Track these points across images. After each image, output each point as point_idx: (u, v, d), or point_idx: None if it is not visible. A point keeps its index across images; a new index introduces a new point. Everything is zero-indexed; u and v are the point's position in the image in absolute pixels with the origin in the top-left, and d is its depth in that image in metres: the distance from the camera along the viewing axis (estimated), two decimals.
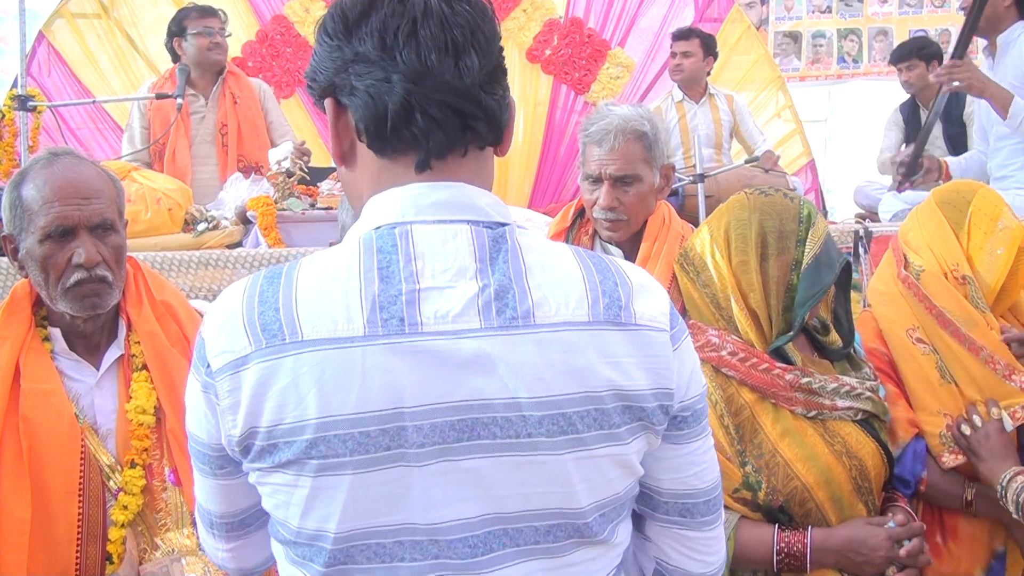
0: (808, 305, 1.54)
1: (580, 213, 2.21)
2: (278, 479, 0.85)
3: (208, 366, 0.86)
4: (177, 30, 3.81)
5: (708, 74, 4.61)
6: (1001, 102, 3.04)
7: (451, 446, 0.83)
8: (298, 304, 0.84)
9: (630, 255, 2.10)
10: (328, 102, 0.92)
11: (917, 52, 4.61)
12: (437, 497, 0.84)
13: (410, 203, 0.88)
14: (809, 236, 1.56)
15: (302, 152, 3.49)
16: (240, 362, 0.84)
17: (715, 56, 4.60)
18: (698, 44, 4.47)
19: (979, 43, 4.14)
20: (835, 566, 1.52)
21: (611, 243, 2.14)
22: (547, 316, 0.86)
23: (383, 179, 0.91)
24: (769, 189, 1.65)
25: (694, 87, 4.56)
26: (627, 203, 2.04)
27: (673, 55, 4.52)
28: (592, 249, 2.15)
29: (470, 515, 0.85)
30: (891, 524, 1.54)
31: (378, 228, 0.88)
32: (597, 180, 2.05)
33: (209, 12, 3.82)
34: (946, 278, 1.78)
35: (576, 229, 2.21)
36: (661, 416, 0.91)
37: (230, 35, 3.88)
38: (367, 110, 0.88)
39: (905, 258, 1.85)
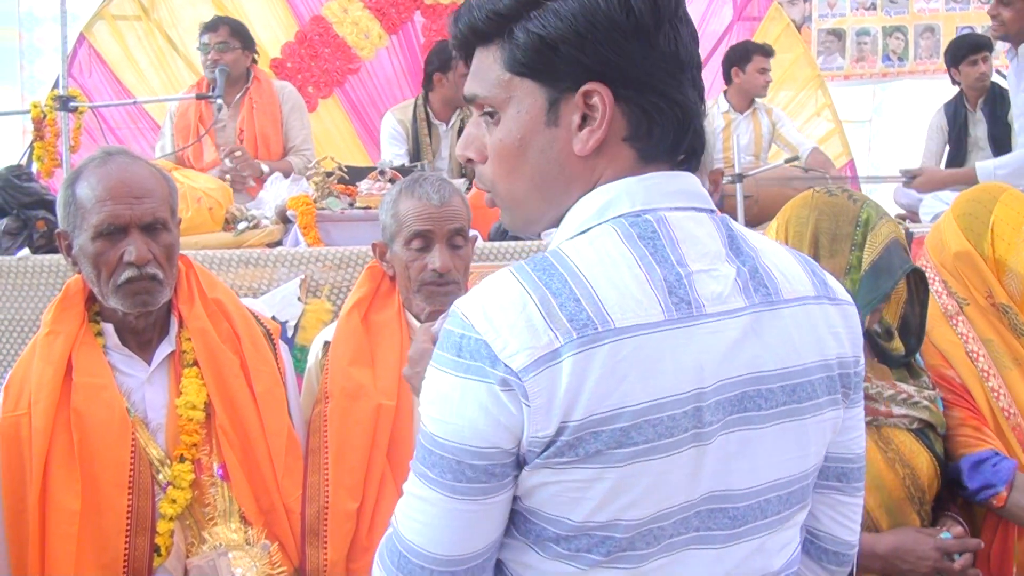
0: (864, 312, 1.51)
1: None
2: (576, 475, 0.82)
3: (506, 366, 0.81)
4: (197, 47, 3.93)
5: None
6: (967, 182, 3.03)
7: (726, 419, 0.86)
8: (598, 293, 0.83)
9: None
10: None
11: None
12: (707, 472, 0.86)
13: (655, 191, 0.90)
14: (868, 241, 1.53)
15: (232, 152, 3.66)
16: (550, 357, 0.80)
17: None
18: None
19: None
20: (881, 571, 1.50)
21: None
22: (791, 292, 0.92)
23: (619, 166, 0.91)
24: (836, 189, 1.62)
25: (745, 99, 4.56)
26: None
27: (763, 71, 4.50)
28: None
29: (734, 487, 0.88)
30: (946, 535, 1.52)
31: (624, 215, 0.88)
32: None
33: (209, 27, 3.85)
34: (985, 312, 1.75)
35: None
36: (855, 382, 0.97)
37: (236, 48, 3.82)
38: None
39: (946, 285, 1.81)
